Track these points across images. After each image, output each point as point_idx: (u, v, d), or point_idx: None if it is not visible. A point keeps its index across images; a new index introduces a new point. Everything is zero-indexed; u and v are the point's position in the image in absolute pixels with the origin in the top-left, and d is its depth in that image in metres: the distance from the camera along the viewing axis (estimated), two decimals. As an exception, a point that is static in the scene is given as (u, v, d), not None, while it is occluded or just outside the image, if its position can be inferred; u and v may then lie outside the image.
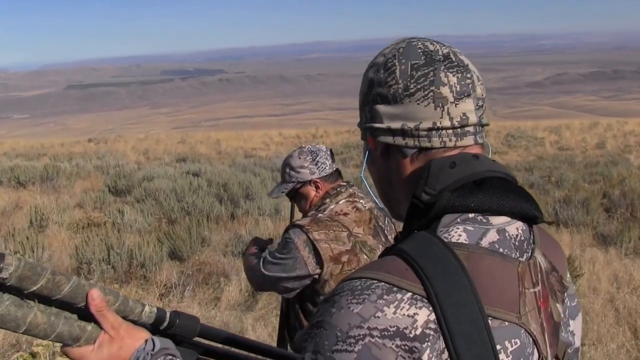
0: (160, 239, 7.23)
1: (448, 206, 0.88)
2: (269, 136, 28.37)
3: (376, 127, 0.98)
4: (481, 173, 0.90)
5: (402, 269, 0.78)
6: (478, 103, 0.95)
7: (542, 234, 0.98)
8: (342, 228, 2.23)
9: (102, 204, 10.11)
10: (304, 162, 2.37)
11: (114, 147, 21.91)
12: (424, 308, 0.75)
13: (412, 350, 0.72)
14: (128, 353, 1.02)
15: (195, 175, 12.52)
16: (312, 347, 0.77)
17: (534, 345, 0.82)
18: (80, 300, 0.98)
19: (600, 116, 70.71)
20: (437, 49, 0.96)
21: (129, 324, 1.05)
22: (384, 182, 1.03)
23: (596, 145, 20.28)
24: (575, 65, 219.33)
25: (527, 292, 0.83)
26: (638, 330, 4.95)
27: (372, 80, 0.99)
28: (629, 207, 9.39)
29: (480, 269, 0.80)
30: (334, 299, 0.78)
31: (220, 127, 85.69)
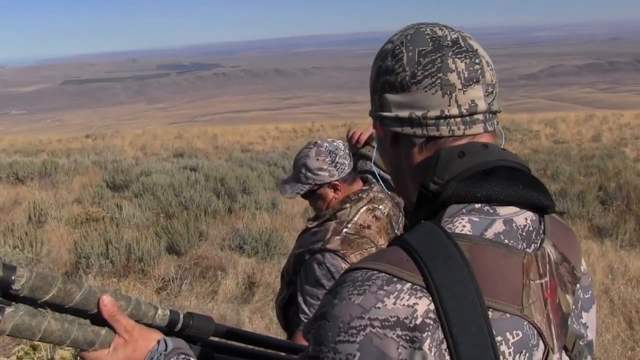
0: (158, 234, 7.27)
1: (454, 196, 0.88)
2: (265, 130, 28.37)
3: (384, 116, 0.98)
4: (491, 162, 0.89)
5: (403, 259, 0.79)
6: (487, 89, 0.94)
7: (556, 224, 0.97)
8: (371, 244, 2.12)
9: (101, 199, 10.17)
10: (323, 163, 2.20)
11: (112, 143, 21.89)
12: (423, 298, 0.75)
13: (413, 340, 0.73)
14: (142, 354, 1.04)
15: (193, 170, 12.57)
16: (315, 338, 0.79)
17: (539, 337, 0.82)
18: (93, 307, 1.00)
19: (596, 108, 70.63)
20: (446, 34, 0.94)
21: (142, 327, 1.07)
22: (395, 170, 1.03)
23: (592, 138, 20.31)
24: (570, 57, 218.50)
25: (532, 284, 0.82)
26: (633, 321, 4.99)
27: (380, 68, 0.99)
28: (624, 199, 9.47)
29: (483, 261, 0.80)
30: (336, 290, 0.79)
31: (216, 122, 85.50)
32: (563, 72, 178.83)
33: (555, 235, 0.93)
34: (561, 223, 1.00)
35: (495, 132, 0.98)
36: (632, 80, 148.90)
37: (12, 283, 0.90)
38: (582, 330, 0.97)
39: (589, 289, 1.03)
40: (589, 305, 1.01)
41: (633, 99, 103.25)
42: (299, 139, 24.14)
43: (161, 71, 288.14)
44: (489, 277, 0.79)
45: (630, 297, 5.45)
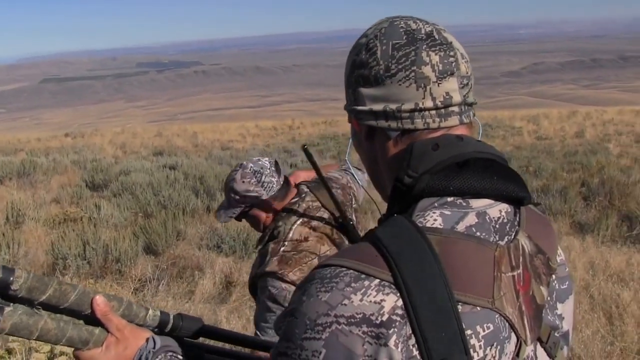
0: (135, 234, 7.19)
1: (427, 189, 0.87)
2: (245, 128, 28.24)
3: (359, 110, 0.97)
4: (465, 154, 0.89)
5: (372, 255, 0.78)
6: (462, 81, 0.93)
7: (533, 216, 0.96)
8: (310, 255, 2.09)
9: (79, 198, 10.06)
10: (249, 185, 2.20)
11: (91, 141, 21.66)
12: (391, 294, 0.75)
13: (379, 337, 0.73)
14: (132, 352, 1.06)
15: (172, 168, 12.52)
16: (284, 335, 0.79)
17: (511, 329, 0.81)
18: (87, 307, 1.04)
19: (579, 105, 71.51)
20: (420, 27, 0.94)
21: (133, 326, 1.09)
22: (371, 164, 1.02)
23: (575, 134, 20.38)
24: (552, 54, 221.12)
25: (504, 276, 0.82)
26: (612, 317, 5.00)
27: (355, 62, 0.98)
28: (607, 195, 9.51)
29: (453, 254, 0.79)
30: (305, 287, 0.79)
31: (196, 120, 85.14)
32: (545, 69, 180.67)
33: (531, 226, 0.92)
34: (538, 214, 0.99)
35: (472, 124, 0.98)
36: (615, 77, 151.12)
37: (10, 284, 0.94)
38: (558, 321, 0.97)
39: (566, 280, 1.02)
40: (565, 296, 1.00)
41: (616, 96, 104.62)
42: (279, 136, 24.11)
43: (141, 69, 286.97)
44: (459, 271, 0.78)
45: (610, 293, 5.47)
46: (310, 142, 20.43)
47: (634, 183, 9.98)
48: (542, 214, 1.01)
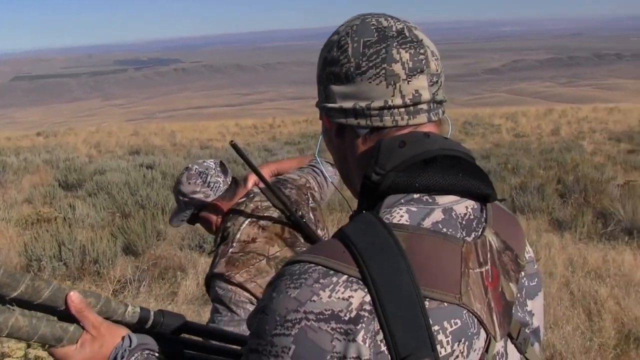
0: (114, 234, 7.11)
1: (393, 186, 0.88)
2: (225, 127, 28.00)
3: (329, 107, 0.98)
4: (432, 152, 0.89)
5: (340, 251, 0.79)
6: (432, 79, 0.94)
7: (500, 213, 0.97)
8: (258, 257, 2.08)
9: (52, 199, 9.96)
10: (195, 186, 2.23)
11: (64, 141, 21.36)
12: (359, 290, 0.75)
13: (347, 333, 0.73)
14: (108, 350, 1.05)
15: (149, 167, 12.46)
16: (255, 331, 0.80)
17: (480, 325, 0.82)
18: (62, 303, 1.02)
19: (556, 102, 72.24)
20: (391, 24, 0.94)
21: (109, 323, 1.08)
22: (341, 161, 1.04)
23: (551, 131, 20.59)
24: (532, 51, 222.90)
25: (472, 272, 0.83)
26: (592, 313, 5.07)
27: (326, 59, 0.99)
28: (582, 192, 9.59)
29: (419, 250, 0.80)
30: (275, 284, 0.80)
31: (175, 118, 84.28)
32: (525, 67, 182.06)
33: (498, 223, 0.94)
34: (505, 212, 1.00)
35: (441, 121, 0.99)
36: (591, 74, 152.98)
37: None
38: (528, 317, 0.97)
39: (535, 277, 1.02)
40: (535, 292, 1.01)
41: (591, 93, 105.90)
42: (260, 134, 24.00)
43: (118, 67, 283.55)
44: (426, 267, 0.79)
45: (589, 290, 5.54)
46: (292, 141, 20.37)
47: (607, 180, 10.10)
48: (508, 211, 1.02)
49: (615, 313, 5.03)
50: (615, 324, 4.87)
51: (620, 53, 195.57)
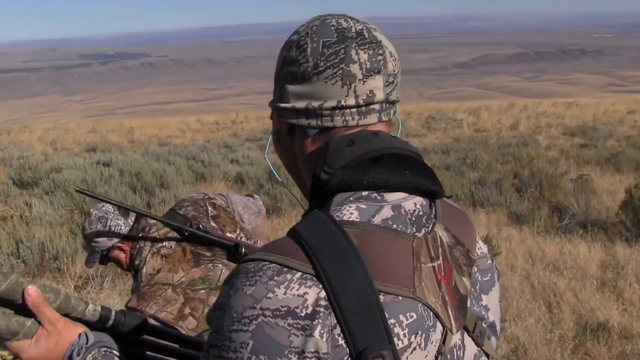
0: (73, 231, 7.06)
1: (341, 184, 0.90)
2: (185, 123, 27.71)
3: (282, 107, 0.99)
4: (379, 150, 0.91)
5: (292, 249, 0.81)
6: (388, 79, 0.96)
7: (449, 209, 0.99)
8: (163, 287, 2.16)
9: (7, 197, 9.91)
10: (97, 231, 2.32)
11: (18, 138, 20.93)
12: (313, 287, 0.77)
13: (304, 328, 0.75)
14: (64, 347, 1.04)
15: (106, 165, 12.34)
16: (214, 327, 0.81)
17: (435, 318, 0.84)
18: (19, 297, 1.01)
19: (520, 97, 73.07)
20: (351, 25, 0.95)
21: (67, 320, 1.07)
22: (290, 161, 1.05)
23: (510, 126, 20.76)
24: (502, 46, 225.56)
25: (424, 267, 0.84)
26: (552, 305, 5.21)
27: (285, 58, 0.99)
28: (537, 186, 9.77)
29: (371, 246, 0.81)
30: (232, 282, 0.81)
31: (137, 115, 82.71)
32: (495, 61, 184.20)
33: (448, 219, 0.95)
34: (455, 208, 1.02)
35: (391, 121, 1.00)
36: (555, 69, 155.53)
37: None
38: (483, 312, 0.99)
39: (489, 272, 1.04)
40: (489, 287, 1.02)
41: (554, 88, 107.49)
42: (221, 131, 23.76)
43: (83, 61, 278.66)
44: (379, 262, 0.80)
45: (548, 282, 5.69)
46: (253, 137, 20.16)
47: (561, 174, 10.30)
48: (458, 207, 1.04)
49: (573, 305, 5.18)
50: (574, 315, 5.02)
51: (584, 49, 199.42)
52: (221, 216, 2.39)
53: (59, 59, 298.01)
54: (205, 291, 2.16)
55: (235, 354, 0.77)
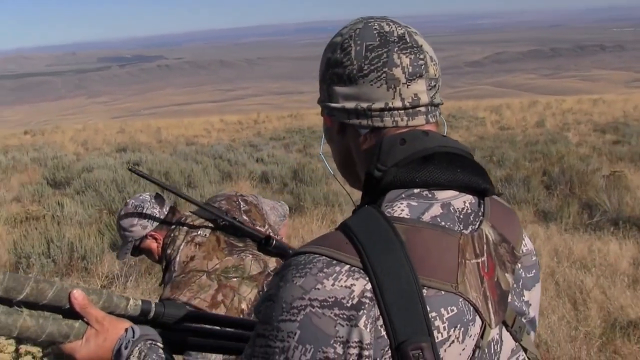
0: (101, 231, 7.10)
1: (394, 182, 0.92)
2: (210, 123, 27.87)
3: (332, 107, 1.02)
4: (431, 149, 0.94)
5: (342, 242, 0.83)
6: (430, 83, 0.98)
7: (498, 207, 1.00)
8: (198, 274, 2.21)
9: (41, 197, 9.92)
10: (132, 220, 2.38)
11: (51, 139, 21.19)
12: (360, 279, 0.80)
13: (350, 318, 0.78)
14: (112, 343, 1.11)
15: (136, 164, 12.33)
16: (262, 317, 0.84)
17: (475, 312, 0.86)
18: (66, 302, 1.07)
19: (539, 94, 72.47)
20: (393, 29, 0.98)
21: (112, 317, 1.13)
22: (342, 158, 1.08)
23: (536, 123, 20.58)
24: (514, 43, 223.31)
25: (468, 263, 0.87)
26: (577, 302, 5.10)
27: (329, 60, 1.02)
28: (567, 183, 9.60)
29: (418, 242, 0.84)
30: (282, 273, 0.84)
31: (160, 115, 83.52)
32: (507, 59, 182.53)
33: (496, 217, 0.97)
34: (503, 205, 1.04)
35: (438, 122, 1.03)
36: (574, 66, 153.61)
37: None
38: (524, 307, 1.01)
39: (532, 268, 1.05)
40: (532, 283, 1.04)
41: (574, 85, 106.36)
42: (245, 130, 23.89)
43: (102, 64, 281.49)
44: (425, 258, 0.83)
45: (574, 279, 5.56)
46: (277, 136, 20.31)
47: (592, 171, 10.09)
48: (507, 205, 1.05)
49: (601, 302, 5.06)
50: (601, 312, 4.89)
51: (603, 44, 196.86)
52: (252, 211, 2.49)
53: (80, 62, 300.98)
54: (237, 280, 2.22)
55: (282, 343, 0.80)
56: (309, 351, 0.79)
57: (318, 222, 7.85)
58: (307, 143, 17.83)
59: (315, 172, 10.94)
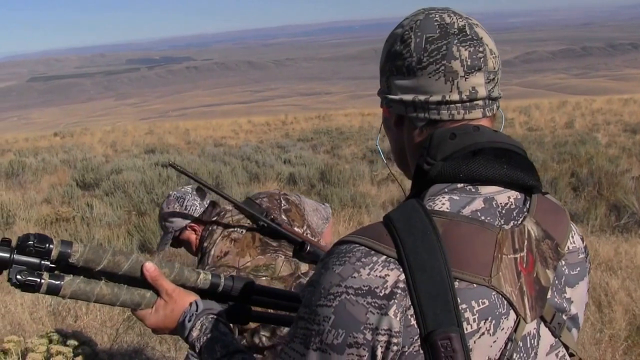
0: (130, 232, 7.24)
1: (439, 175, 0.94)
2: (238, 124, 28.03)
3: (390, 99, 1.04)
4: (480, 144, 0.95)
5: (382, 233, 0.87)
6: (489, 77, 0.99)
7: (546, 204, 1.01)
8: (228, 269, 2.25)
9: (70, 198, 10.08)
10: (174, 210, 2.45)
11: (81, 141, 21.52)
12: (395, 270, 0.83)
13: (381, 307, 0.82)
14: (178, 314, 1.22)
15: (165, 166, 12.40)
16: (303, 302, 0.89)
17: (509, 306, 0.88)
18: (139, 273, 1.20)
19: (570, 94, 71.51)
20: (454, 21, 0.99)
21: (181, 290, 1.25)
22: (398, 148, 1.10)
23: (565, 124, 20.29)
24: (544, 43, 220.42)
25: (505, 258, 0.89)
26: (602, 304, 5.05)
27: (390, 52, 1.04)
28: (596, 185, 9.51)
29: (455, 236, 0.86)
30: (325, 261, 0.89)
31: (188, 116, 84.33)
32: (537, 59, 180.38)
33: (542, 213, 0.98)
34: (552, 202, 1.04)
35: (495, 116, 1.04)
36: (605, 65, 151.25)
37: (68, 256, 1.12)
38: (565, 304, 1.01)
39: (578, 266, 1.05)
40: (575, 281, 1.04)
41: (605, 84, 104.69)
42: (272, 132, 23.95)
43: (131, 66, 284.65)
44: (460, 251, 0.86)
45: (599, 282, 5.51)
46: (305, 137, 20.34)
47: (621, 173, 10.00)
48: (557, 202, 1.07)
49: (627, 304, 5.00)
50: (627, 315, 4.84)
51: (636, 42, 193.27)
52: (292, 211, 2.50)
53: (109, 64, 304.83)
54: (266, 279, 2.25)
55: (318, 326, 0.85)
56: (340, 335, 0.83)
57: (345, 223, 7.87)
58: (335, 144, 17.80)
59: (342, 173, 10.96)
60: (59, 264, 1.13)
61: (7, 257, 1.09)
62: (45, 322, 4.95)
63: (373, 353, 0.83)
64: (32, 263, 1.10)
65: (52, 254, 1.11)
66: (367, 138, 18.83)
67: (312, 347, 0.87)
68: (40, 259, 1.11)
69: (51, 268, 1.13)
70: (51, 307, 5.21)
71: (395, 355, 0.83)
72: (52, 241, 1.11)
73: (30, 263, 1.10)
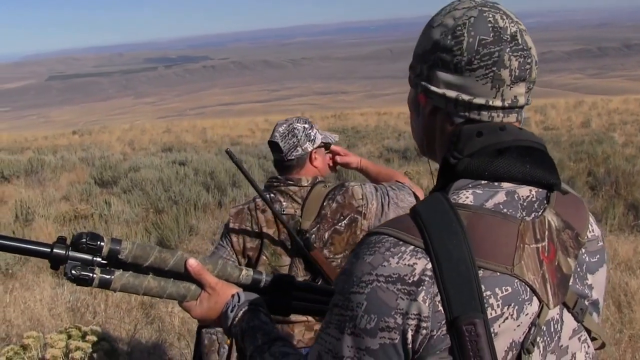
0: (147, 229, 7.32)
1: (465, 172, 0.98)
2: (254, 123, 28.12)
3: (432, 90, 1.05)
4: (505, 142, 0.98)
5: (410, 225, 0.92)
6: (529, 86, 1.03)
7: (567, 197, 1.05)
8: (254, 225, 2.28)
9: (89, 196, 10.16)
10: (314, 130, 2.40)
11: (99, 139, 21.71)
12: (422, 259, 0.88)
13: (410, 293, 0.87)
14: (221, 305, 1.28)
15: (182, 164, 12.55)
16: (338, 289, 0.95)
17: (532, 293, 0.92)
18: (184, 269, 1.27)
19: (586, 94, 70.89)
20: (507, 25, 0.99)
21: (224, 283, 1.31)
22: (427, 137, 1.12)
23: (581, 124, 20.17)
24: (560, 43, 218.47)
25: (527, 247, 0.93)
26: (621, 305, 5.04)
27: (438, 42, 1.03)
28: (613, 184, 9.45)
29: (478, 227, 0.91)
30: (357, 251, 0.94)
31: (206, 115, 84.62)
32: (553, 59, 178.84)
33: (561, 204, 1.02)
34: (571, 194, 1.08)
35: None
36: (621, 65, 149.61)
37: (118, 253, 1.20)
38: (587, 290, 1.05)
39: (597, 254, 1.09)
40: (596, 267, 1.08)
41: (621, 84, 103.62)
42: (289, 130, 23.91)
43: (148, 65, 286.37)
44: (483, 242, 0.90)
45: (619, 281, 5.49)
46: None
47: (638, 172, 9.90)
48: (576, 194, 1.11)
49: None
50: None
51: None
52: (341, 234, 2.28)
53: (127, 63, 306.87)
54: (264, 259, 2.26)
55: (351, 312, 0.90)
56: (373, 320, 0.89)
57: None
58: (351, 143, 17.79)
59: (356, 172, 10.93)
60: (110, 260, 1.21)
61: (63, 253, 1.17)
62: (64, 318, 5.02)
63: (404, 336, 0.88)
64: (85, 259, 1.19)
65: (103, 250, 1.20)
66: (383, 137, 18.84)
67: (346, 332, 0.92)
68: (92, 256, 1.19)
69: (103, 264, 1.21)
70: (70, 303, 5.28)
71: (425, 338, 0.87)
72: (103, 239, 1.20)
73: (83, 259, 1.19)
